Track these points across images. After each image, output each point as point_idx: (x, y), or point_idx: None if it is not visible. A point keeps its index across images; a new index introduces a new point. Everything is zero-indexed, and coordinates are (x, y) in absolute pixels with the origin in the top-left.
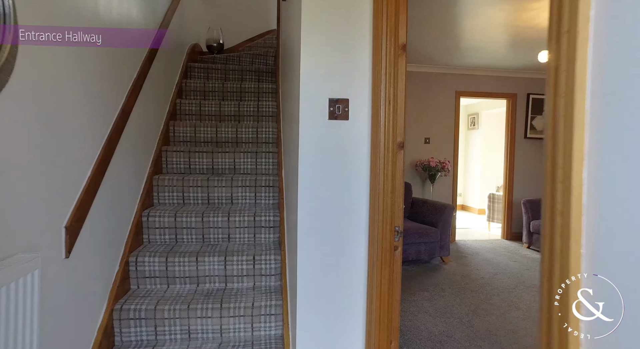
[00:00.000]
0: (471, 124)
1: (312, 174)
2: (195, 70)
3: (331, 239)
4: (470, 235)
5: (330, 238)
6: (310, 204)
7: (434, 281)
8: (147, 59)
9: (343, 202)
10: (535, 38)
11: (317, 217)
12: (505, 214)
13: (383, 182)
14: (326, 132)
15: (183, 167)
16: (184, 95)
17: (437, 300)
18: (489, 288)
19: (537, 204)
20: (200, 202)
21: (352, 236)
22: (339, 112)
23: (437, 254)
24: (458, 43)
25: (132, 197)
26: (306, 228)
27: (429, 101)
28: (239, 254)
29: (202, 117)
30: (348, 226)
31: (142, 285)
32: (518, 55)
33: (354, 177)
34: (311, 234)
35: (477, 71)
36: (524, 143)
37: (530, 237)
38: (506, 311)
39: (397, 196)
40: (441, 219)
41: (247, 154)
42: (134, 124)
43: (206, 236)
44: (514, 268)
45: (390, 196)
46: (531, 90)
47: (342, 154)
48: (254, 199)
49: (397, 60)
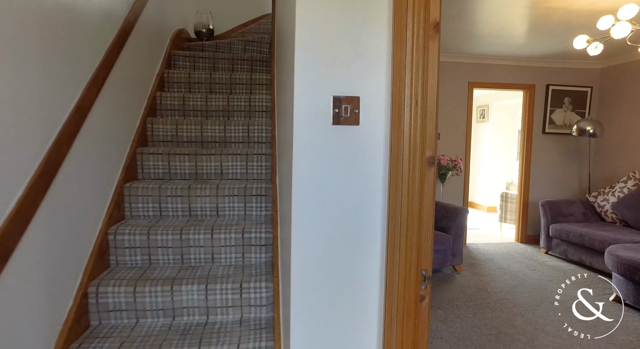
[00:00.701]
0: (480, 117)
1: (308, 199)
2: (180, 59)
3: (333, 288)
4: (482, 237)
5: (332, 288)
6: (306, 238)
7: (447, 295)
8: (114, 45)
9: (350, 238)
10: (566, 21)
11: (314, 258)
12: (520, 216)
13: (407, 212)
14: (328, 142)
15: (162, 173)
16: (166, 87)
17: (452, 321)
18: (510, 305)
19: (557, 206)
20: (180, 214)
21: (361, 282)
22: (347, 114)
23: (449, 262)
24: (473, 28)
25: (95, 212)
26: (300, 275)
27: (440, 93)
28: (224, 280)
29: (185, 112)
30: (356, 269)
31: (105, 320)
32: (539, 42)
33: (365, 203)
34: (306, 283)
35: (492, 60)
36: (542, 138)
37: (549, 242)
38: (533, 336)
39: (425, 229)
40: (454, 224)
41: (236, 157)
42: (96, 123)
43: (185, 257)
44: (534, 279)
45: (416, 230)
46: (551, 81)
47: (350, 172)
48: (243, 211)
49: (427, 44)
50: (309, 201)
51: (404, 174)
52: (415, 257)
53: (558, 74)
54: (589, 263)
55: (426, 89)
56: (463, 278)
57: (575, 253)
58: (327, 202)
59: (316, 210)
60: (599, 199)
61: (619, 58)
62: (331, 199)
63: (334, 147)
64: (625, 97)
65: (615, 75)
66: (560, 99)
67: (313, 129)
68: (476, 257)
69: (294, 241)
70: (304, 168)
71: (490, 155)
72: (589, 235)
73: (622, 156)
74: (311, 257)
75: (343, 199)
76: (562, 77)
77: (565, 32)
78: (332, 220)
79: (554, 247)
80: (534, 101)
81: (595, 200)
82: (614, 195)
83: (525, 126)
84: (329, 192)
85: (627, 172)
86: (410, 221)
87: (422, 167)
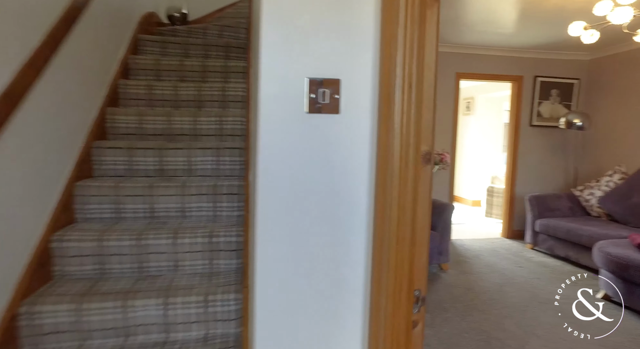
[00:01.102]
0: (466, 109)
1: (275, 204)
2: (148, 44)
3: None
4: (467, 233)
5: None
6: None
7: (434, 297)
8: (61, 22)
9: (326, 255)
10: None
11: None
12: (506, 210)
13: (397, 220)
14: (302, 134)
15: (122, 169)
16: (131, 74)
17: (440, 326)
18: (498, 306)
19: (543, 201)
20: (141, 216)
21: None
22: (324, 100)
23: (435, 261)
24: (462, 14)
25: (34, 217)
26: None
27: None
28: (187, 291)
29: (152, 102)
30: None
31: (41, 345)
32: (531, 30)
33: (346, 209)
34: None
35: (480, 50)
36: (530, 131)
37: (535, 237)
38: (524, 340)
39: (420, 241)
40: (440, 221)
41: (206, 151)
42: (34, 112)
43: (144, 265)
44: (521, 277)
45: (408, 241)
46: (539, 72)
47: (328, 171)
48: (213, 211)
49: (424, 13)
50: (276, 207)
51: (394, 173)
52: (407, 274)
53: (546, 65)
54: (575, 259)
55: (422, 70)
56: (450, 276)
57: (561, 249)
58: (298, 208)
59: (285, 219)
60: (584, 193)
61: (607, 49)
62: (304, 205)
63: (309, 140)
64: (613, 89)
65: (603, 67)
66: (548, 91)
67: (283, 119)
68: (462, 254)
69: (257, 260)
70: (271, 166)
71: (475, 148)
72: (576, 230)
73: (608, 149)
74: (275, 281)
75: (319, 203)
76: (550, 69)
77: (559, 19)
78: (303, 231)
79: (540, 242)
80: (521, 92)
81: (581, 194)
82: (599, 189)
83: (514, 119)
84: (301, 196)
85: (613, 165)
86: (402, 231)
87: (417, 165)
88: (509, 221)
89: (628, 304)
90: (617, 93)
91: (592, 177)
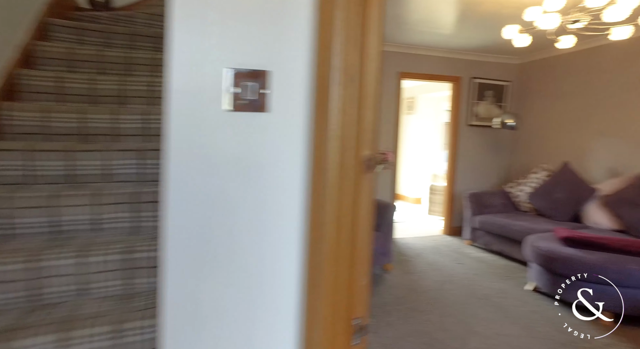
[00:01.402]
0: (408, 108)
1: (191, 222)
2: (61, 30)
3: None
4: (410, 231)
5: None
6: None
7: (378, 301)
8: None
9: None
10: (495, 11)
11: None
12: (447, 208)
13: (334, 237)
14: (220, 136)
15: (19, 176)
16: (37, 64)
17: (384, 330)
18: (440, 305)
19: (480, 198)
20: (41, 232)
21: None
22: (251, 96)
23: (378, 262)
24: (403, 12)
25: None
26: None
27: None
28: (93, 321)
29: (62, 97)
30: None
31: None
32: (468, 32)
33: (276, 225)
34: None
35: (421, 50)
36: (468, 130)
37: (473, 233)
38: (465, 339)
39: (361, 261)
40: (384, 221)
41: (128, 153)
42: None
43: (37, 293)
44: (461, 273)
45: (347, 262)
46: (475, 74)
47: (254, 181)
48: (133, 222)
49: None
50: (188, 225)
51: (329, 184)
52: (346, 301)
53: (482, 67)
54: (509, 253)
55: (365, 60)
56: (393, 277)
57: (496, 244)
58: (217, 230)
59: (198, 244)
60: (515, 190)
61: (535, 54)
62: (222, 223)
63: (230, 144)
64: (539, 92)
65: (530, 71)
66: (483, 92)
67: (197, 118)
68: (405, 253)
69: (167, 297)
70: (184, 176)
71: (417, 147)
72: (508, 226)
73: (537, 148)
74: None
75: (242, 222)
76: (485, 71)
77: (493, 23)
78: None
79: (478, 238)
80: (459, 93)
81: (512, 191)
82: (527, 185)
83: (453, 118)
84: (221, 213)
85: (540, 163)
86: (339, 251)
87: (357, 174)
88: (450, 218)
89: (555, 295)
90: (543, 96)
91: (523, 174)
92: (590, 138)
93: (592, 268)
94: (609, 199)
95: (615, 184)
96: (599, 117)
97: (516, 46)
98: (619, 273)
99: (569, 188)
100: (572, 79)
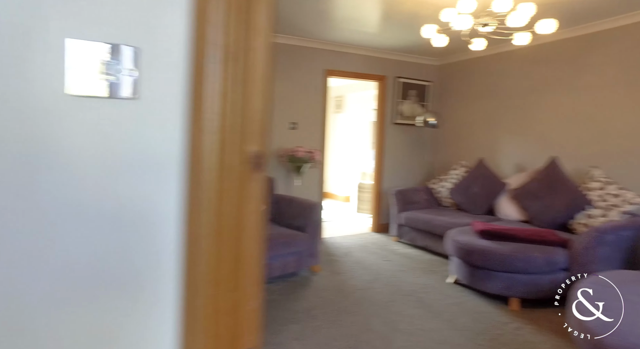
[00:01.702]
0: (336, 107)
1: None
2: None
3: None
4: (338, 229)
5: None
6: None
7: (304, 305)
8: None
9: (119, 309)
10: (414, 12)
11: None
12: (375, 205)
13: (215, 252)
14: (70, 130)
15: None
16: None
17: (309, 337)
18: (366, 305)
19: (405, 194)
20: None
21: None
22: (116, 79)
23: (305, 264)
24: (328, 8)
25: None
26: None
27: (296, 80)
28: None
29: None
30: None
31: None
32: (391, 32)
33: (148, 243)
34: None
35: (347, 48)
36: (393, 129)
37: (399, 230)
38: (389, 338)
39: (250, 280)
40: (310, 221)
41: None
42: None
43: None
44: (388, 271)
45: (231, 282)
46: (399, 73)
47: (112, 187)
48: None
49: None
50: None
51: (207, 187)
52: (231, 330)
53: (405, 67)
54: (433, 248)
55: (252, 36)
56: (320, 279)
57: (421, 239)
58: (74, 252)
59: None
60: (437, 186)
61: (453, 56)
62: (80, 240)
63: (81, 140)
64: (457, 92)
65: (449, 72)
66: (407, 92)
67: (36, 105)
68: (333, 252)
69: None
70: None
71: (345, 145)
72: (431, 221)
73: (456, 145)
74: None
75: (101, 239)
76: (408, 71)
77: (414, 23)
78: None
79: (404, 234)
80: (385, 92)
81: (434, 187)
82: (448, 181)
83: (379, 117)
84: (66, 227)
85: (459, 160)
86: (221, 270)
87: (242, 173)
88: (377, 216)
89: (473, 286)
90: (461, 97)
91: (444, 171)
92: (501, 136)
93: (504, 258)
94: (516, 192)
95: (521, 178)
96: (507, 118)
97: (435, 46)
98: (525, 261)
99: (484, 183)
100: (484, 81)
